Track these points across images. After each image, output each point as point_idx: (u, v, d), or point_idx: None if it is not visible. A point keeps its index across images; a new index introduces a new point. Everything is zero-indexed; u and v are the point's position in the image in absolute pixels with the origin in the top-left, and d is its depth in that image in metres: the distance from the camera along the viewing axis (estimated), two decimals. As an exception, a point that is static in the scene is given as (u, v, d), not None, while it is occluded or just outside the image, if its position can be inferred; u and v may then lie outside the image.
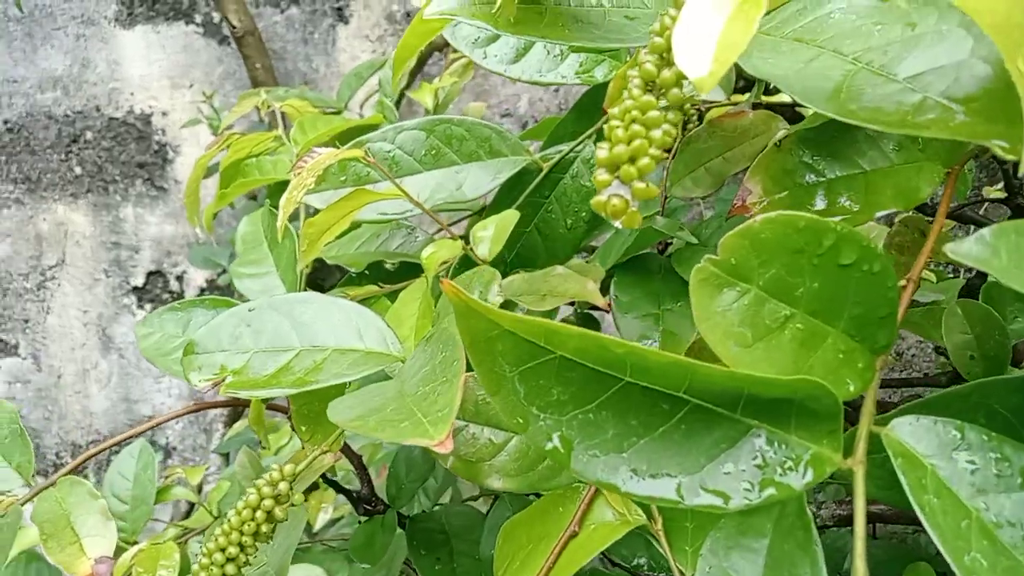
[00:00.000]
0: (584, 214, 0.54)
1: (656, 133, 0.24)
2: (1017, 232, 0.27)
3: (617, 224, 0.23)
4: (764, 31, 0.34)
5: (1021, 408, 0.31)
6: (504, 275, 0.55)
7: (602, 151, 0.24)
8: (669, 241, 0.54)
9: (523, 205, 0.55)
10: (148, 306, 1.39)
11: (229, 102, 1.38)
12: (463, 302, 0.24)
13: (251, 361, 0.42)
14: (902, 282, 0.33)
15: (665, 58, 0.26)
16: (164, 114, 1.38)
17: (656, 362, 0.23)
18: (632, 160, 0.23)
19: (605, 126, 0.24)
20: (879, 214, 0.35)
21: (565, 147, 0.54)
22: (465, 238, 0.52)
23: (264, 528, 0.33)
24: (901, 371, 1.08)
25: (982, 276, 0.62)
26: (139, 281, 1.39)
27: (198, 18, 1.37)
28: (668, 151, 0.24)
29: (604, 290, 0.52)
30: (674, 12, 0.27)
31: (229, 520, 0.34)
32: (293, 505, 0.35)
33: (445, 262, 0.50)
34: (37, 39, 1.40)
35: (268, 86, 1.31)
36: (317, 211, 0.52)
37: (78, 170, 1.39)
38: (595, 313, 0.60)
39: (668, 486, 0.26)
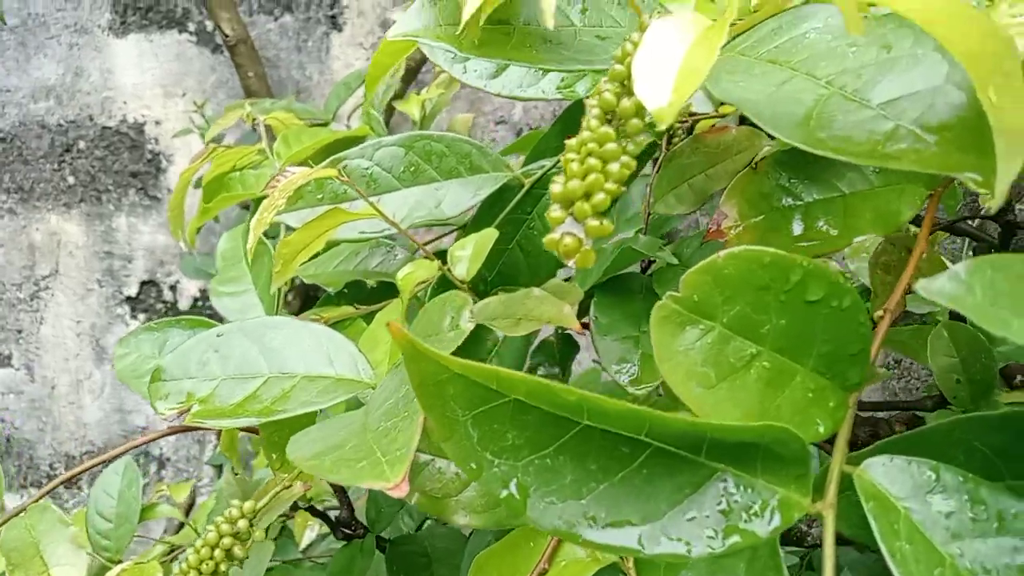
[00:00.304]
0: (567, 231, 0.53)
1: (613, 167, 0.22)
2: (993, 268, 0.25)
3: (570, 264, 0.22)
4: (739, 51, 0.33)
5: (1003, 446, 0.29)
6: (485, 293, 0.54)
7: (556, 186, 0.23)
8: (653, 259, 0.53)
9: (505, 221, 0.54)
10: (141, 316, 1.38)
11: (222, 110, 1.37)
12: (410, 345, 0.23)
13: (218, 388, 0.41)
14: (879, 312, 0.32)
15: (626, 86, 0.25)
16: (157, 123, 1.37)
17: (612, 410, 0.22)
18: (587, 196, 0.22)
19: (562, 158, 0.23)
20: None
21: (548, 162, 0.53)
22: (443, 257, 0.51)
23: (223, 567, 0.32)
24: (899, 379, 1.06)
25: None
26: (132, 291, 1.38)
27: (191, 26, 1.36)
28: (627, 184, 0.23)
29: (585, 310, 0.51)
30: (637, 36, 0.26)
31: (188, 559, 0.33)
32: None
33: (423, 282, 0.49)
34: (30, 48, 1.39)
35: (261, 94, 1.30)
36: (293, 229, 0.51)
37: (71, 180, 1.38)
38: (576, 333, 0.58)
39: (629, 535, 0.24)
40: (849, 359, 0.27)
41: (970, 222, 0.56)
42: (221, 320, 0.59)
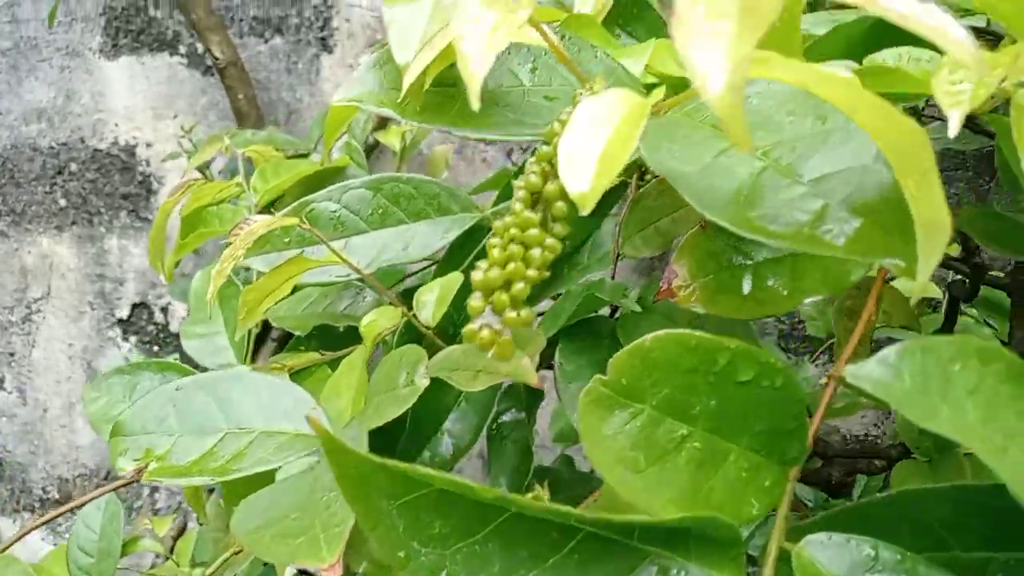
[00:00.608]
0: (538, 270, 0.53)
1: (535, 253, 0.22)
2: (923, 351, 0.25)
3: (488, 355, 0.22)
4: (685, 111, 0.33)
5: (951, 520, 0.29)
6: (454, 337, 0.54)
7: (477, 273, 0.22)
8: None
9: (475, 262, 0.53)
10: (133, 338, 1.38)
11: (213, 132, 1.37)
12: (328, 438, 0.23)
13: (176, 444, 0.41)
14: (823, 380, 0.32)
15: (552, 167, 0.24)
16: (148, 145, 1.38)
17: (531, 510, 0.22)
18: (507, 285, 0.22)
19: (486, 242, 0.23)
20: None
21: (518, 202, 0.53)
22: (409, 301, 0.51)
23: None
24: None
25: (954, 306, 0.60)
26: (124, 313, 1.38)
27: (182, 49, 1.37)
28: (552, 268, 0.23)
29: (551, 355, 0.50)
30: (566, 114, 0.26)
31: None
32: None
33: (387, 329, 0.49)
34: (22, 71, 1.40)
35: (251, 117, 1.31)
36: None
37: (63, 202, 1.39)
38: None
39: (560, 622, 0.24)
40: (786, 435, 0.27)
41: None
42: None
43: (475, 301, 0.22)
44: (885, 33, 0.39)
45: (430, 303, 0.49)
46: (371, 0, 1.39)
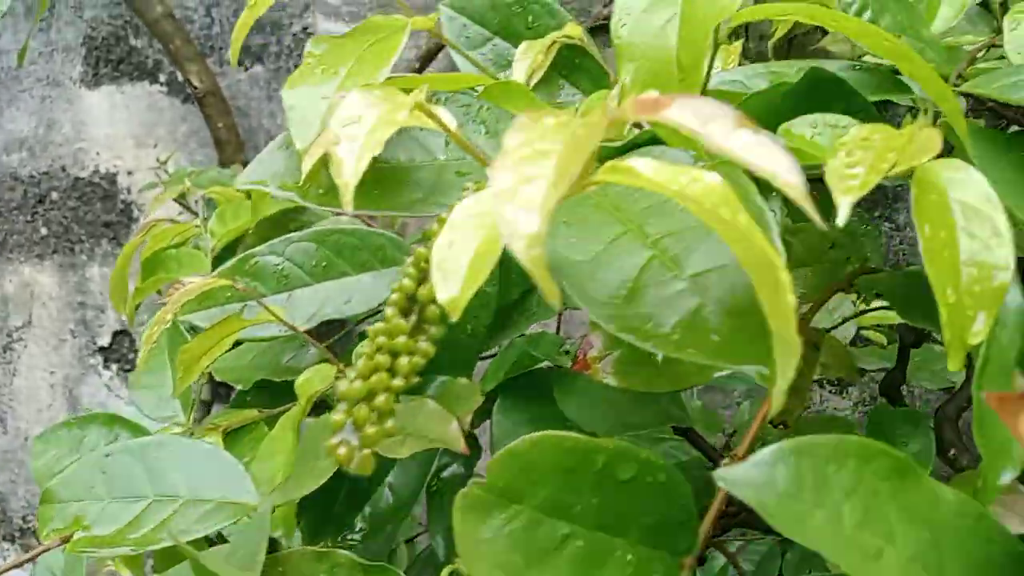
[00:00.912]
0: (485, 319, 0.53)
1: (403, 361, 0.22)
2: (799, 453, 0.25)
3: (352, 466, 0.22)
4: (595, 190, 0.33)
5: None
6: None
7: (342, 383, 0.22)
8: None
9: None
10: (114, 366, 1.38)
11: (194, 159, 1.38)
12: (192, 555, 0.23)
13: (104, 512, 0.41)
14: (738, 450, 0.32)
15: (426, 269, 0.24)
16: (129, 173, 1.38)
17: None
18: (370, 396, 0.22)
19: (357, 349, 0.23)
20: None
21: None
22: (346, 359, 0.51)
23: None
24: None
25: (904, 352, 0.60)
26: (105, 341, 1.38)
27: (162, 77, 1.37)
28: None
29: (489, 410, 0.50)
30: (446, 214, 0.26)
31: None
32: None
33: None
34: (3, 101, 1.40)
35: (231, 144, 1.31)
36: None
37: (44, 231, 1.39)
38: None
39: None
40: (676, 527, 0.27)
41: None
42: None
43: (336, 414, 0.22)
44: (804, 99, 0.39)
45: (369, 359, 0.48)
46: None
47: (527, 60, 0.50)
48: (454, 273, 0.23)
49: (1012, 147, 0.43)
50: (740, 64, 0.54)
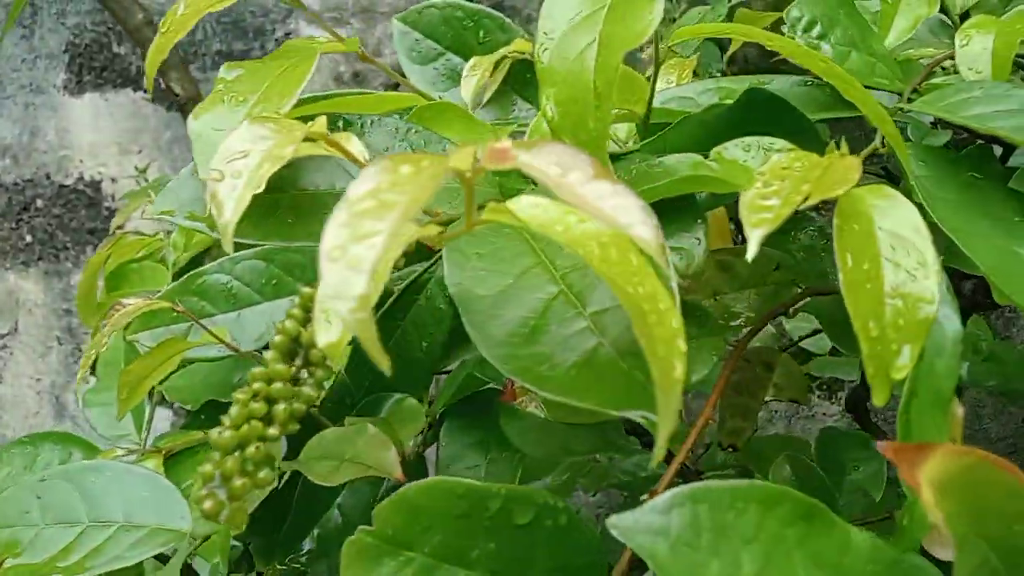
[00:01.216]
0: (440, 336, 0.52)
1: (280, 408, 0.22)
2: (694, 499, 0.24)
3: (220, 518, 0.21)
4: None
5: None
6: (354, 405, 0.53)
7: (215, 431, 0.22)
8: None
9: (377, 328, 0.53)
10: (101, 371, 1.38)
11: (178, 166, 1.37)
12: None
13: (38, 538, 0.40)
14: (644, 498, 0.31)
15: (311, 309, 0.24)
16: (114, 180, 1.38)
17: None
18: (241, 447, 0.21)
19: (233, 395, 0.23)
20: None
21: (420, 267, 0.53)
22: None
23: None
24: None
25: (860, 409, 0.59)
26: (90, 348, 1.38)
27: (146, 84, 1.37)
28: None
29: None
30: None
31: None
32: None
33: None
34: (-12, 108, 1.40)
35: (214, 151, 1.31)
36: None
37: (29, 238, 1.39)
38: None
39: None
40: (583, 568, 0.26)
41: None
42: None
43: (205, 466, 0.21)
44: (741, 120, 0.38)
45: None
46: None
47: (475, 76, 0.50)
48: (336, 319, 0.22)
49: (960, 167, 0.42)
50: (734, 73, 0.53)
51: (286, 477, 0.44)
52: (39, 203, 1.40)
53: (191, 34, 1.38)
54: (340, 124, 0.35)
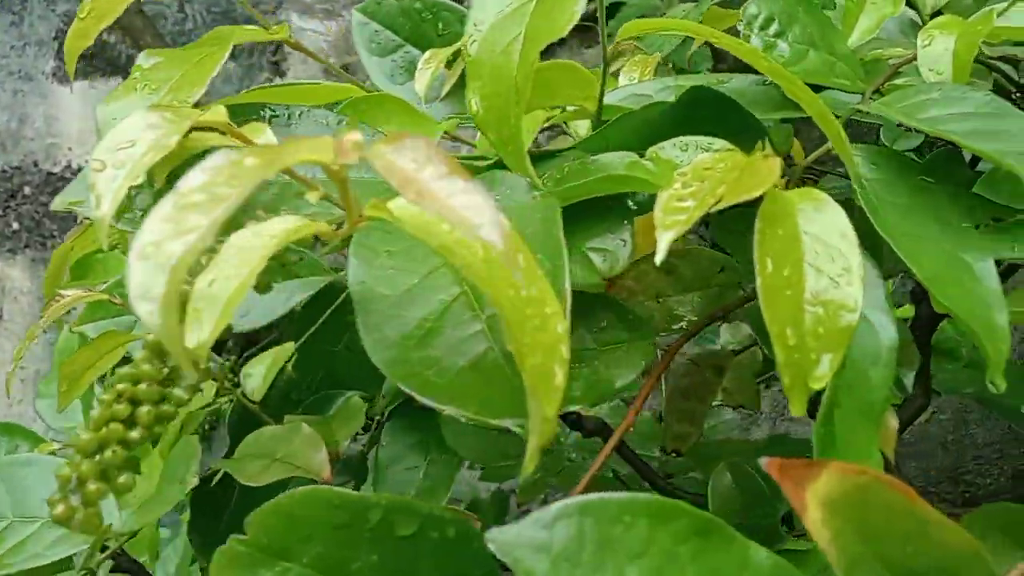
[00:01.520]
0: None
1: (144, 410, 0.21)
2: (582, 512, 0.23)
3: (72, 525, 0.20)
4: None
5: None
6: (300, 402, 0.52)
7: (78, 432, 0.21)
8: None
9: (329, 323, 0.52)
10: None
11: (166, 156, 1.37)
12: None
13: (-38, 533, 0.40)
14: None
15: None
16: (102, 169, 1.38)
17: None
18: (100, 449, 0.20)
19: (98, 396, 0.22)
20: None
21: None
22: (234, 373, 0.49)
23: None
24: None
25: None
26: (75, 337, 1.38)
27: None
28: (172, 419, 0.21)
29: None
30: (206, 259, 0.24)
31: None
32: None
33: (207, 405, 0.48)
34: (-24, 95, 1.40)
35: (202, 141, 1.30)
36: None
37: (16, 225, 1.39)
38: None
39: None
40: (477, 581, 0.25)
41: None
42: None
43: (63, 468, 0.20)
44: (684, 119, 0.37)
45: (257, 375, 0.47)
46: (324, 24, 1.38)
47: (430, 69, 0.49)
48: (209, 316, 0.21)
49: (912, 170, 0.41)
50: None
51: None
52: (27, 190, 1.39)
53: (180, 23, 1.38)
54: (266, 116, 0.34)
